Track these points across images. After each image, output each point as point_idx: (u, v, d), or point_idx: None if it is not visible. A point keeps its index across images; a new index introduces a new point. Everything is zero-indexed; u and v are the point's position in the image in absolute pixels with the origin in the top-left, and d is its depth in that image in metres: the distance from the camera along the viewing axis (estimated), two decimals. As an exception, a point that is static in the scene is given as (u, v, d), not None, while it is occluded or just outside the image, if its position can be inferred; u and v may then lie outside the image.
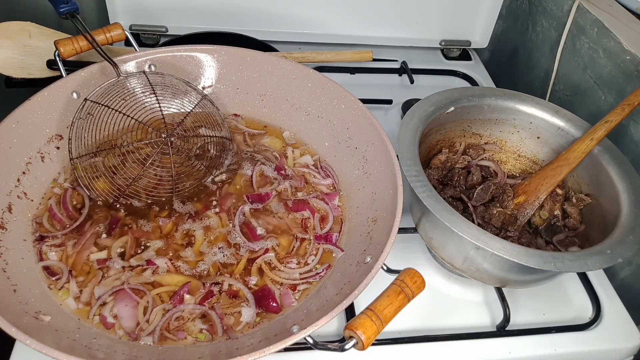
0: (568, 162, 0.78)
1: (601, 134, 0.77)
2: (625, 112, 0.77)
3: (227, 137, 0.83)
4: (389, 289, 0.57)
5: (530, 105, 0.84)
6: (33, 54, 0.89)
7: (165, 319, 0.64)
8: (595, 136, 0.77)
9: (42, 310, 0.61)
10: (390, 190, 0.69)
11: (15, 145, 0.71)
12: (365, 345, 0.53)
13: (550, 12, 1.11)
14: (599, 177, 0.78)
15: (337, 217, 0.78)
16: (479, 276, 0.72)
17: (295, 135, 0.88)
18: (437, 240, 0.73)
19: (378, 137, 0.75)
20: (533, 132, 0.86)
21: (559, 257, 0.63)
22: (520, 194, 0.80)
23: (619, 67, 0.94)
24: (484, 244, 0.63)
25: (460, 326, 0.75)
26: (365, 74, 1.13)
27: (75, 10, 0.79)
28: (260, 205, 0.77)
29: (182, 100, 0.80)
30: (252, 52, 0.85)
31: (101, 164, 0.76)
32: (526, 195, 0.79)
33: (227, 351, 0.61)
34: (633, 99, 0.78)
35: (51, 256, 0.68)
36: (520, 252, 0.63)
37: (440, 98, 0.81)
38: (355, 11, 1.13)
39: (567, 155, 0.79)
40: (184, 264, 0.70)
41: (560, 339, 0.74)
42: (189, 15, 1.10)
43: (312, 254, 0.73)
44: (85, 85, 0.77)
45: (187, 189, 0.77)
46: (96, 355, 0.57)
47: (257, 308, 0.67)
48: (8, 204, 0.69)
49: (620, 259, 0.64)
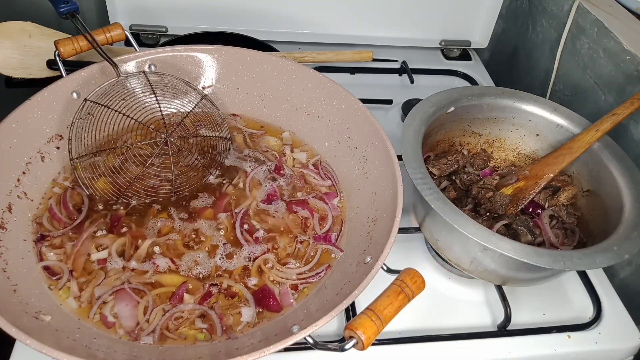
0: (571, 151, 0.79)
1: (607, 126, 0.77)
2: (634, 106, 0.77)
3: (227, 137, 0.83)
4: (389, 289, 0.57)
5: (528, 103, 0.85)
6: (33, 54, 0.89)
7: (165, 318, 0.64)
8: (601, 127, 0.77)
9: (42, 310, 0.61)
10: (390, 190, 0.69)
11: (15, 145, 0.71)
12: (365, 345, 0.53)
13: (550, 12, 1.11)
14: (600, 173, 0.78)
15: (337, 217, 0.78)
16: (486, 276, 0.72)
17: (295, 135, 0.88)
18: (443, 241, 0.73)
19: (378, 137, 0.75)
20: (532, 129, 0.86)
21: (568, 256, 0.64)
22: (521, 179, 0.80)
23: (619, 67, 0.93)
24: (493, 245, 0.63)
25: (460, 326, 0.74)
26: (365, 74, 1.13)
27: (75, 10, 0.79)
28: (268, 206, 0.77)
29: (182, 100, 0.80)
30: (252, 52, 0.85)
31: (101, 164, 0.76)
32: (526, 180, 0.80)
33: (227, 351, 0.61)
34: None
35: (50, 257, 0.68)
36: (529, 252, 0.63)
37: (440, 98, 0.82)
38: (355, 11, 1.13)
39: (571, 144, 0.79)
40: (183, 264, 0.70)
41: (560, 339, 0.74)
42: (189, 15, 1.10)
43: (311, 254, 0.73)
44: (85, 85, 0.77)
45: (187, 189, 0.77)
46: (96, 355, 0.57)
47: (257, 307, 0.67)
48: (8, 204, 0.69)
49: (627, 255, 0.64)
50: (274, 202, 0.78)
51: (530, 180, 0.80)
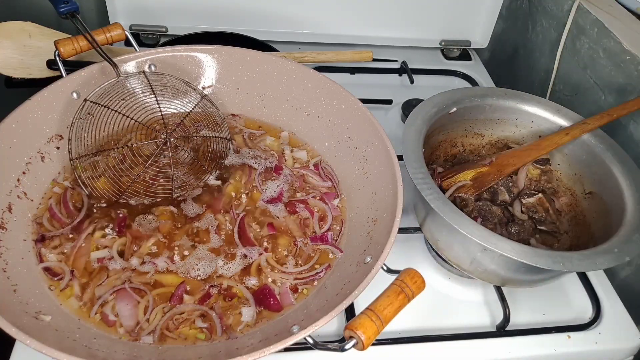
0: (539, 148, 0.81)
1: (576, 132, 0.79)
2: (603, 121, 0.80)
3: (227, 137, 0.83)
4: (389, 289, 0.57)
5: (531, 105, 0.85)
6: (33, 54, 0.89)
7: (165, 318, 0.64)
8: (570, 132, 0.80)
9: (42, 310, 0.61)
10: (390, 190, 0.69)
11: (15, 145, 0.71)
12: (365, 345, 0.53)
13: (550, 12, 1.11)
14: (602, 175, 0.78)
15: (337, 218, 0.78)
16: (486, 277, 0.72)
17: (295, 135, 0.88)
18: (443, 242, 0.73)
19: (378, 137, 0.75)
20: (534, 131, 0.86)
21: (568, 257, 0.63)
22: (485, 165, 0.81)
23: (619, 67, 0.93)
24: (492, 245, 0.63)
25: (460, 326, 0.74)
26: (365, 74, 1.13)
27: (75, 10, 0.79)
28: (268, 206, 0.77)
29: (182, 100, 0.80)
30: (252, 52, 0.85)
31: (101, 164, 0.76)
32: (490, 167, 0.81)
33: (227, 351, 0.61)
34: (614, 112, 0.80)
35: (50, 258, 0.68)
36: (529, 252, 0.63)
37: (443, 99, 0.82)
38: (355, 11, 1.13)
39: (540, 142, 0.81)
40: (183, 264, 0.70)
41: (560, 339, 0.74)
42: (189, 15, 1.10)
43: (311, 254, 0.73)
44: (85, 85, 0.77)
45: (186, 189, 0.77)
46: (96, 355, 0.57)
47: (257, 307, 0.67)
48: (8, 204, 0.69)
49: (628, 257, 0.64)
50: (274, 202, 0.78)
51: (494, 168, 0.81)
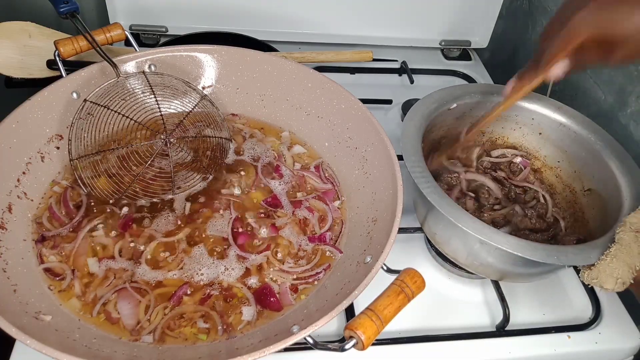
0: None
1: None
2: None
3: (227, 137, 0.83)
4: (389, 289, 0.57)
5: (532, 102, 0.85)
6: (33, 54, 0.89)
7: (166, 318, 0.64)
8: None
9: (42, 310, 0.61)
10: (390, 190, 0.69)
11: (15, 145, 0.71)
12: (365, 345, 0.53)
13: (550, 12, 1.11)
14: (601, 171, 0.78)
15: (337, 218, 0.78)
16: (483, 270, 0.72)
17: (295, 135, 0.88)
18: (440, 235, 0.74)
19: (378, 137, 0.75)
20: (535, 128, 0.86)
21: (563, 251, 0.64)
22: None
23: (619, 67, 0.93)
24: (487, 237, 0.63)
25: (460, 326, 0.75)
26: (365, 74, 1.13)
27: (75, 10, 0.79)
28: (276, 206, 0.78)
29: (181, 100, 0.80)
30: (252, 52, 0.85)
31: (101, 164, 0.76)
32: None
33: (227, 351, 0.61)
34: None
35: (51, 258, 0.68)
36: (523, 245, 0.63)
37: (443, 95, 0.82)
38: (355, 11, 1.13)
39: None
40: (183, 264, 0.70)
41: (560, 339, 0.74)
42: (189, 15, 1.10)
43: (310, 254, 0.73)
44: (85, 85, 0.77)
45: (186, 189, 0.77)
46: (96, 355, 0.57)
47: (258, 306, 0.67)
48: (8, 204, 0.69)
49: None
50: (274, 202, 0.78)
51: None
